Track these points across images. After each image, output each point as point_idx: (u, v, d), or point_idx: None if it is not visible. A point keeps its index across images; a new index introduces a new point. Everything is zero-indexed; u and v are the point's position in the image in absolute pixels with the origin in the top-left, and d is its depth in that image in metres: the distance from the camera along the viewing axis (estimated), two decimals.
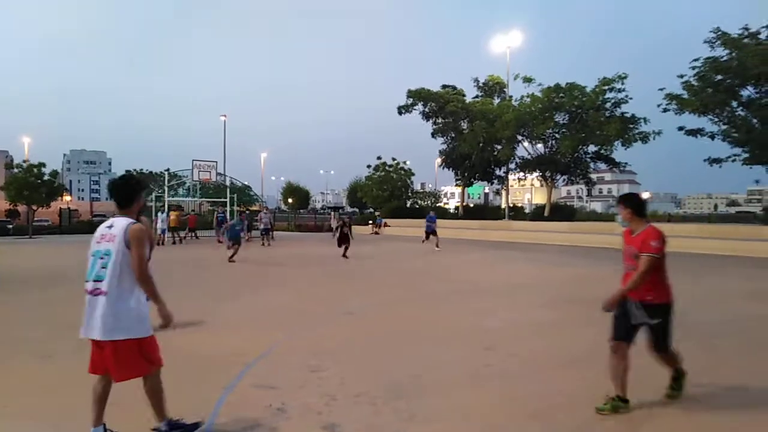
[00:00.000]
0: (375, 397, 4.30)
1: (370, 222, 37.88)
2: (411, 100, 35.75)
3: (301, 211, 61.05)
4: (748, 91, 22.93)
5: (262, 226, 24.43)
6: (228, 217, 24.82)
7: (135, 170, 67.48)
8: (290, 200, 62.90)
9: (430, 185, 57.65)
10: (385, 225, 35.88)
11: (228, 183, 31.75)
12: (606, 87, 28.77)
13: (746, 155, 23.26)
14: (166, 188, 29.23)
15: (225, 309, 8.28)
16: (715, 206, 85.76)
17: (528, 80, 31.31)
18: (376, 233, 34.58)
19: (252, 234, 25.69)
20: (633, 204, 4.09)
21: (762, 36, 21.84)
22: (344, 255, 16.77)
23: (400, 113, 36.26)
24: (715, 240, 20.15)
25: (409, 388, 4.52)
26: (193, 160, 28.82)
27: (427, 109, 35.70)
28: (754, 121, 22.89)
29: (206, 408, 4.01)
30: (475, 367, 5.17)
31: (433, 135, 36.52)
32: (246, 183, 52.65)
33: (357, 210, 52.69)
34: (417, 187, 45.73)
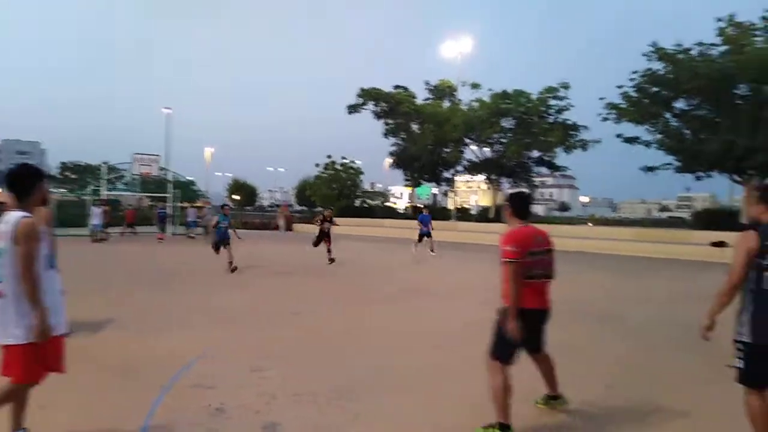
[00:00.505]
0: (318, 396, 4.25)
1: (317, 219, 37.59)
2: (362, 99, 35.71)
3: (248, 208, 59.85)
4: (680, 104, 24.29)
5: (206, 222, 23.80)
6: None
7: (70, 162, 64.04)
8: (236, 197, 61.56)
9: (379, 185, 57.88)
10: (334, 224, 35.68)
11: (171, 178, 30.67)
12: (549, 95, 29.80)
13: (678, 164, 24.62)
14: (103, 181, 27.92)
15: (164, 308, 7.98)
16: (649, 211, 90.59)
17: (475, 86, 32.06)
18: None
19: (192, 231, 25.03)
20: (512, 202, 3.84)
21: (693, 52, 23.18)
22: (330, 258, 14.24)
23: (350, 112, 36.14)
24: (648, 243, 21.23)
25: (354, 387, 4.49)
26: (133, 154, 27.64)
27: (378, 109, 35.77)
28: (686, 131, 24.28)
29: (143, 409, 3.84)
30: (423, 366, 5.20)
31: (385, 135, 36.60)
32: (190, 178, 51.13)
33: (306, 208, 52.15)
34: (366, 186, 45.70)
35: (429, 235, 17.85)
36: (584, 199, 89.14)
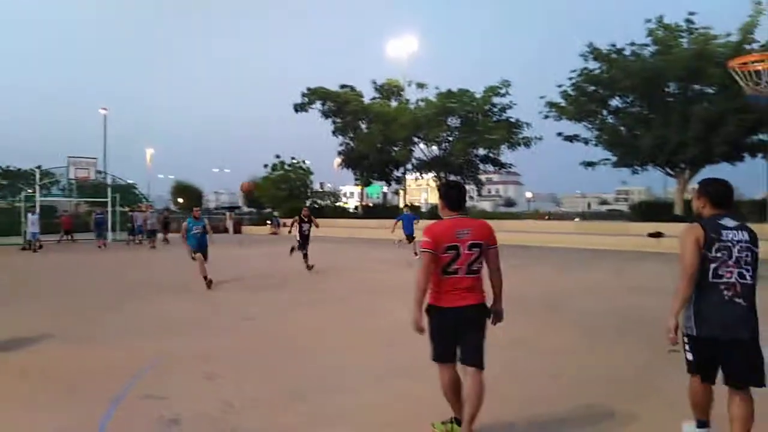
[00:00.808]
0: (275, 401, 4.22)
1: (268, 222, 37.00)
2: (308, 98, 35.39)
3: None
4: (616, 101, 25.48)
5: (148, 227, 23.00)
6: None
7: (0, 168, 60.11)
8: (180, 200, 59.73)
9: (329, 185, 57.56)
10: (284, 225, 35.27)
11: (110, 181, 29.39)
12: (492, 94, 30.57)
13: (615, 159, 25.82)
14: (37, 187, 26.44)
15: (110, 318, 7.68)
16: (589, 205, 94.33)
17: (421, 86, 32.51)
18: (275, 233, 33.89)
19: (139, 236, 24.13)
20: (442, 193, 3.60)
21: (626, 52, 24.36)
22: (307, 266, 12.86)
23: (296, 111, 35.75)
24: (589, 236, 22.16)
25: (311, 390, 4.48)
26: (68, 157, 26.34)
27: (325, 108, 35.57)
28: (621, 128, 25.50)
29: (91, 426, 3.70)
30: (378, 365, 5.24)
31: (334, 133, 36.41)
32: (131, 181, 49.19)
33: (254, 210, 51.20)
34: (316, 186, 45.35)
35: (412, 236, 16.31)
36: (529, 194, 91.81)
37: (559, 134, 27.10)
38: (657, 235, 18.48)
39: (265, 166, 40.49)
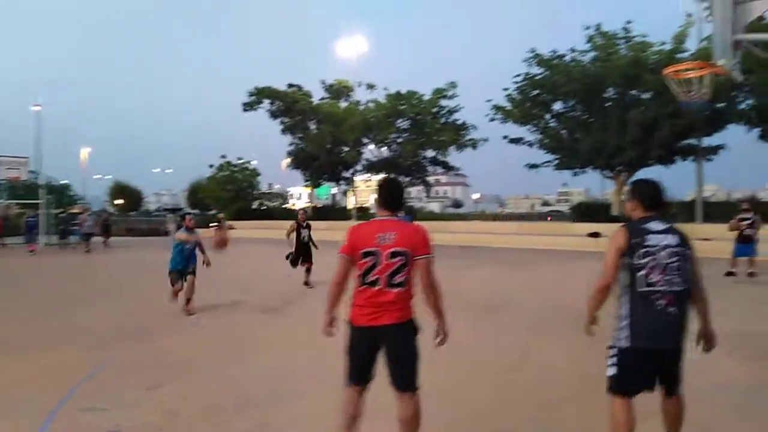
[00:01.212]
0: (224, 408, 4.08)
1: (212, 224, 36.00)
2: (255, 98, 34.73)
3: (132, 213, 55.96)
4: (558, 106, 26.40)
5: (84, 230, 21.85)
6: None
7: None
8: (119, 201, 57.31)
9: (277, 186, 56.72)
10: (230, 228, 34.41)
11: (42, 182, 27.78)
12: (440, 96, 31.02)
13: (557, 161, 26.75)
14: None
15: (45, 327, 7.21)
16: (532, 206, 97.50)
17: (371, 87, 32.56)
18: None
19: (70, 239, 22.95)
20: (377, 191, 3.18)
21: (567, 58, 25.28)
22: (306, 282, 10.44)
23: (244, 110, 35.01)
24: (533, 236, 22.83)
25: (261, 396, 4.36)
26: None
27: (274, 108, 34.99)
28: (563, 132, 26.44)
29: None
30: (329, 370, 5.16)
31: (284, 132, 35.87)
32: (65, 182, 46.73)
33: (198, 212, 49.76)
34: (264, 187, 44.57)
35: None
36: (475, 195, 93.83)
37: (505, 137, 27.81)
38: (595, 235, 19.26)
39: (210, 166, 39.46)
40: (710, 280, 4.32)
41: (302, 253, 10.54)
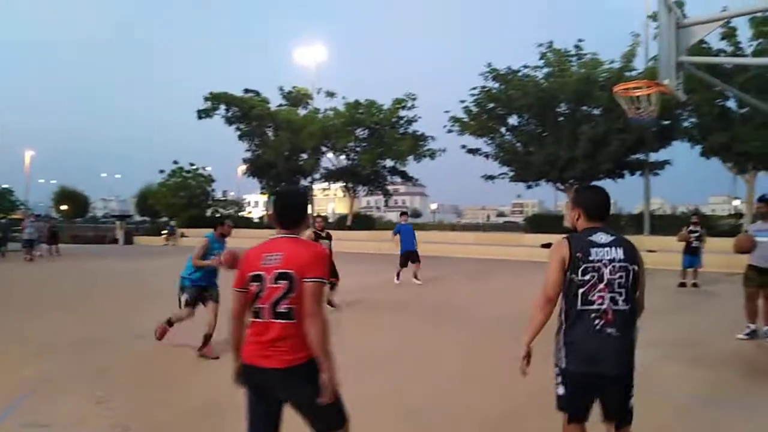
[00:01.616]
0: (176, 421, 3.93)
1: (163, 232, 34.95)
2: (211, 103, 33.99)
3: (78, 219, 53.68)
4: (513, 120, 27.06)
5: (25, 236, 20.76)
6: None
7: None
8: (63, 207, 54.91)
9: (232, 193, 55.64)
10: (182, 235, 33.51)
11: None
12: (399, 106, 31.30)
13: (512, 173, 27.36)
14: None
15: None
16: (488, 217, 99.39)
17: (330, 94, 32.50)
18: (172, 244, 32.09)
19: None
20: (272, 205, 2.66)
21: (522, 74, 25.97)
22: (329, 301, 8.51)
23: (200, 117, 34.19)
24: (488, 246, 23.25)
25: (216, 407, 4.23)
26: None
27: (230, 114, 34.36)
28: (518, 145, 27.10)
29: None
30: None
31: (241, 138, 35.22)
32: (6, 186, 44.40)
33: (148, 219, 48.18)
34: (219, 194, 43.63)
35: (415, 255, 12.55)
36: (433, 206, 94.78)
37: (463, 147, 28.26)
38: (548, 246, 19.55)
39: (161, 171, 38.38)
40: (657, 289, 4.48)
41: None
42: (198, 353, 5.77)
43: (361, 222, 35.15)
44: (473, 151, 27.97)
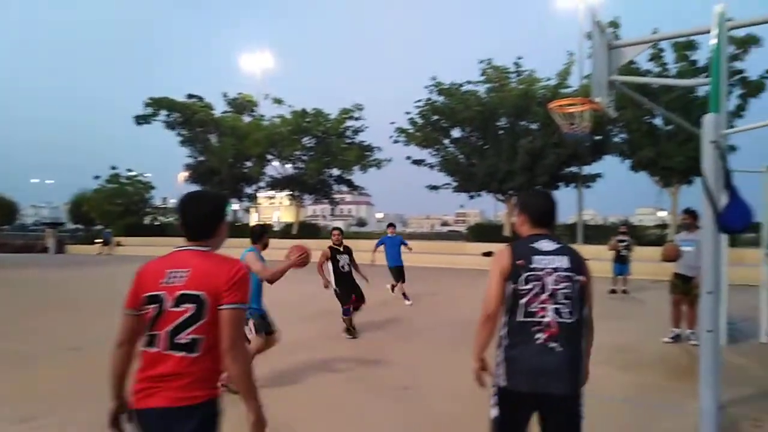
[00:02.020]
0: None
1: (97, 240, 33.31)
2: (151, 109, 32.84)
3: (5, 227, 50.30)
4: (456, 132, 27.73)
5: None
6: None
7: None
8: None
9: (173, 200, 53.79)
10: (118, 244, 32.08)
11: None
12: (346, 116, 31.41)
13: (455, 184, 27.98)
14: None
15: None
16: (432, 226, 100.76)
17: (278, 101, 32.15)
18: (107, 254, 30.63)
19: None
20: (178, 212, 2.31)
21: (464, 88, 26.69)
22: (350, 328, 7.60)
23: (138, 123, 32.92)
24: (433, 255, 23.60)
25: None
26: None
27: (171, 119, 33.30)
28: (461, 156, 27.77)
29: None
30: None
31: (182, 144, 34.10)
32: None
33: (81, 226, 45.79)
34: (158, 202, 42.10)
35: (400, 271, 11.46)
36: (379, 215, 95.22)
37: (408, 158, 28.67)
38: (489, 254, 20.31)
39: (96, 177, 36.67)
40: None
41: (347, 287, 7.68)
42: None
43: (307, 230, 34.89)
44: (418, 162, 28.46)
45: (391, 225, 12.53)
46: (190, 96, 34.09)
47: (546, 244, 2.43)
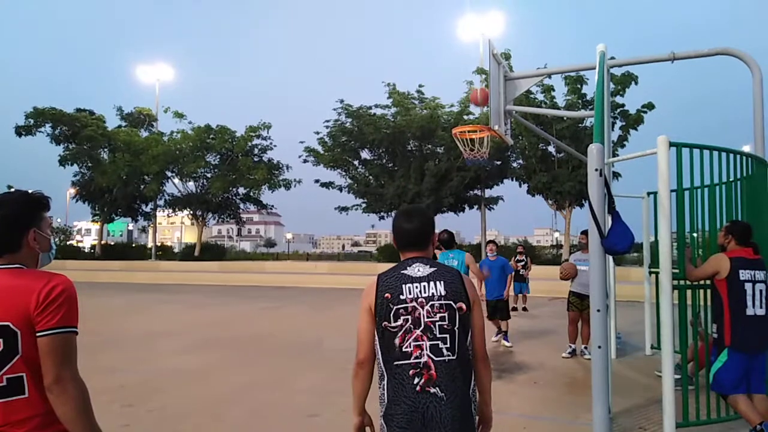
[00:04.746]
0: None
1: None
2: (33, 120, 30.04)
3: None
4: (366, 154, 28.08)
5: None
6: None
7: None
8: None
9: (59, 220, 49.41)
10: None
11: None
12: (253, 134, 30.73)
13: (365, 205, 28.22)
14: None
15: None
16: (343, 246, 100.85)
17: (179, 116, 30.79)
18: None
19: None
20: None
21: (373, 111, 27.19)
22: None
23: (19, 135, 29.99)
24: (341, 276, 23.47)
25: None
26: None
27: (57, 133, 30.66)
28: (370, 178, 28.11)
29: None
30: (111, 429, 4.49)
31: (62, 163, 31.16)
32: None
33: None
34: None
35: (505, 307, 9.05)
36: (289, 235, 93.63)
37: (317, 181, 28.60)
38: None
39: None
40: None
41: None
42: None
43: (210, 251, 33.45)
44: (327, 185, 28.45)
45: (491, 242, 10.22)
46: (80, 110, 31.73)
47: (418, 269, 2.03)
